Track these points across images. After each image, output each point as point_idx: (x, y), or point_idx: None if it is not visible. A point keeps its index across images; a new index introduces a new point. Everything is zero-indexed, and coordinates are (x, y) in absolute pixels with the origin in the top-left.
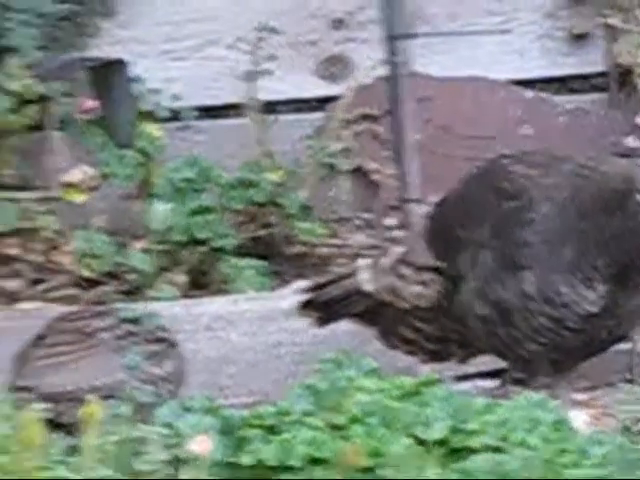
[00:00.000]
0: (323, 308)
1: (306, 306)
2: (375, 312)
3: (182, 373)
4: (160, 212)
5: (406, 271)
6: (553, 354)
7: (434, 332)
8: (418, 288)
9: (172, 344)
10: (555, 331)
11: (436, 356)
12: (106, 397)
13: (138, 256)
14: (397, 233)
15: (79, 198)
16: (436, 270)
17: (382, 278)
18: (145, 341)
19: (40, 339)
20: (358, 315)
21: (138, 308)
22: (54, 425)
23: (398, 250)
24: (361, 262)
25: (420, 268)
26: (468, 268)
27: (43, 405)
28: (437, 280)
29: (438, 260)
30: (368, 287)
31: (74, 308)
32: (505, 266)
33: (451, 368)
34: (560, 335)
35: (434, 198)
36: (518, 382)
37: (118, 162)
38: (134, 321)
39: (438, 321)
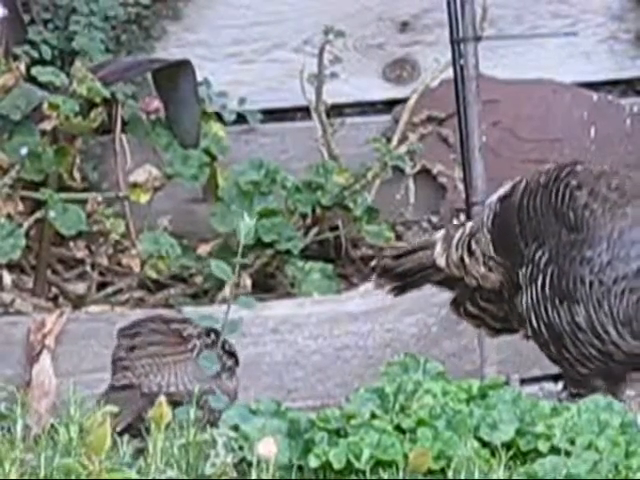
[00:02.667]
0: (398, 278)
1: (382, 275)
2: (447, 284)
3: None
4: (246, 227)
5: (476, 248)
6: (602, 379)
7: (498, 312)
8: (484, 270)
9: (237, 361)
10: (603, 361)
11: (501, 332)
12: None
13: (218, 265)
14: None
15: (144, 198)
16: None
17: (453, 253)
18: (223, 354)
19: (132, 337)
20: (437, 282)
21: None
22: (122, 428)
23: (471, 225)
24: (437, 235)
25: (486, 255)
26: (526, 284)
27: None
28: (499, 270)
29: (498, 255)
30: (441, 261)
31: (164, 311)
32: (560, 295)
33: (517, 371)
34: (607, 365)
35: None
36: (577, 396)
37: (183, 162)
38: (214, 331)
39: (500, 303)
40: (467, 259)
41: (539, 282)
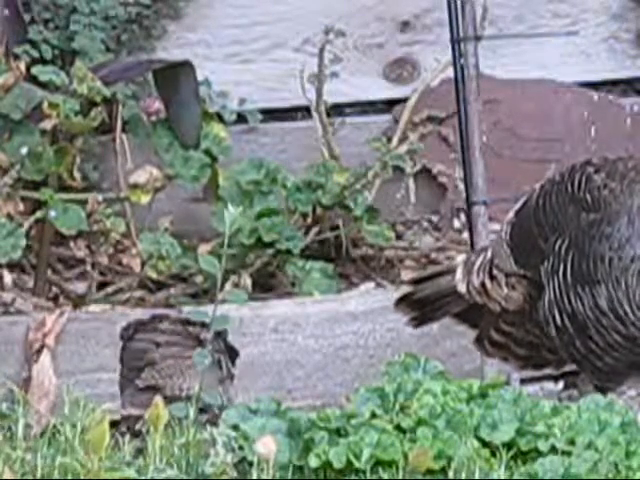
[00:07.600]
0: (418, 306)
1: (401, 302)
2: (469, 314)
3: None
4: (230, 216)
5: (497, 273)
6: (629, 369)
7: (523, 337)
8: (506, 290)
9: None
10: (628, 348)
11: (529, 362)
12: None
13: (206, 259)
14: (464, 235)
15: (145, 199)
16: (522, 275)
17: (474, 278)
18: (230, 362)
19: (154, 332)
20: (457, 315)
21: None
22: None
23: (491, 249)
24: (458, 259)
25: (508, 273)
26: (548, 278)
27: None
28: (523, 284)
29: (520, 267)
30: (461, 287)
31: (175, 312)
32: (581, 279)
33: (517, 370)
34: (633, 352)
35: (512, 203)
36: (600, 389)
37: (184, 163)
38: (219, 334)
39: (524, 325)
40: (489, 284)
41: (560, 271)
